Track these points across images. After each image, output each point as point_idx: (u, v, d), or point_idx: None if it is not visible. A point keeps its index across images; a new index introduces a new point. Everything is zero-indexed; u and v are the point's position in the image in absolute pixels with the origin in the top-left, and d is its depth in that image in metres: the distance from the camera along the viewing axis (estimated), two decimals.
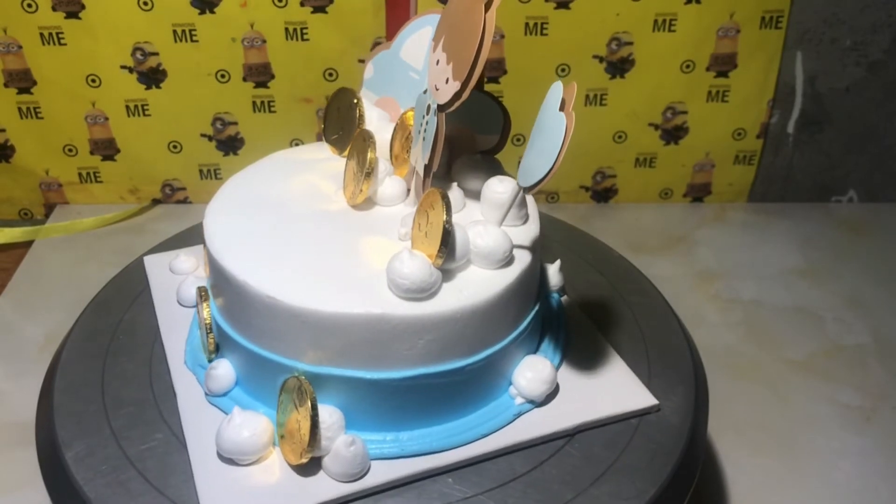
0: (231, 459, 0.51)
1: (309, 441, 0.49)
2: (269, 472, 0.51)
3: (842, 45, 1.09)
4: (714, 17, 1.06)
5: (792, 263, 1.08)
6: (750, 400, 0.85)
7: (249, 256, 0.54)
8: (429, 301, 0.50)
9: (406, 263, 0.49)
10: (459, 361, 0.52)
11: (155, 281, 0.69)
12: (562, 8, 1.04)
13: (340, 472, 0.50)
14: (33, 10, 1.02)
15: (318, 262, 0.53)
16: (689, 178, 1.20)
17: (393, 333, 0.50)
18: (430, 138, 0.53)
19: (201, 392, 0.57)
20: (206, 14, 1.03)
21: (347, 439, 0.50)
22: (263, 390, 0.55)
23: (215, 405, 0.56)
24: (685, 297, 1.00)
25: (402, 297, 0.50)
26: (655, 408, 0.57)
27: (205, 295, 0.58)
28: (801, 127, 1.16)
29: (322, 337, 0.50)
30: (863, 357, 0.92)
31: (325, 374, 0.51)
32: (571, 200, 1.21)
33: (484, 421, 0.55)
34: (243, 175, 0.64)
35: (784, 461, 0.78)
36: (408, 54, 0.64)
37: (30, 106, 1.09)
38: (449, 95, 0.51)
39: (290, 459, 0.51)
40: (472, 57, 0.49)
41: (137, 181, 1.17)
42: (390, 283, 0.50)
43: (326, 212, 0.59)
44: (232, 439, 0.51)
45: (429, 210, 0.51)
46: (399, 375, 0.51)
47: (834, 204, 1.22)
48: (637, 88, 1.11)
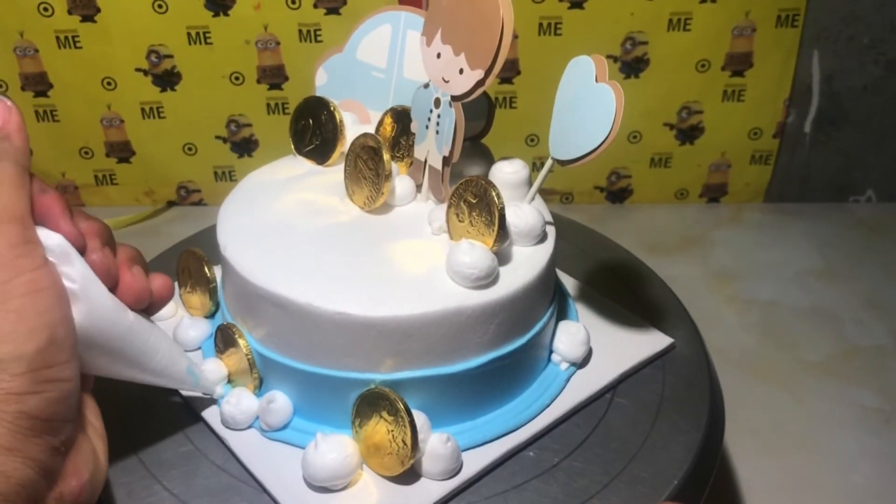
0: (324, 487, 0.49)
1: (412, 446, 0.48)
2: (366, 492, 0.50)
3: (859, 43, 1.08)
4: (729, 15, 1.05)
5: (809, 264, 1.08)
6: (766, 402, 0.85)
7: (297, 278, 0.51)
8: (493, 286, 0.51)
9: (470, 254, 0.50)
10: (521, 339, 0.54)
11: None
12: (576, 8, 1.04)
13: (441, 470, 0.50)
14: (49, 13, 1.02)
15: (363, 270, 0.52)
16: (705, 179, 1.19)
17: (467, 324, 0.50)
18: (447, 130, 0.54)
19: (241, 427, 0.54)
20: (220, 16, 1.04)
21: (442, 437, 0.50)
22: (330, 411, 0.53)
23: (277, 439, 0.53)
24: (701, 298, 1.00)
25: (469, 286, 0.51)
26: (672, 346, 0.63)
27: (235, 332, 0.54)
28: (818, 126, 1.15)
29: (402, 342, 0.50)
30: (881, 358, 0.91)
31: (404, 378, 0.50)
32: (586, 201, 1.21)
33: (543, 391, 0.57)
34: (238, 206, 0.61)
35: (801, 464, 0.78)
36: (366, 55, 0.64)
37: (46, 109, 1.10)
38: (470, 84, 0.52)
39: (391, 471, 0.50)
40: (492, 44, 0.50)
41: (152, 183, 1.18)
42: (455, 276, 0.51)
43: (341, 222, 0.57)
44: (324, 465, 0.49)
45: (470, 200, 0.52)
46: (474, 364, 0.52)
47: (851, 204, 1.21)
48: (652, 88, 1.10)
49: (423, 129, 0.57)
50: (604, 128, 0.50)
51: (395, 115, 0.62)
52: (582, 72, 0.52)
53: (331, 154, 0.63)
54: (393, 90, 0.65)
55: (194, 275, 0.62)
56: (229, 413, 0.53)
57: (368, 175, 0.57)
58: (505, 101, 1.09)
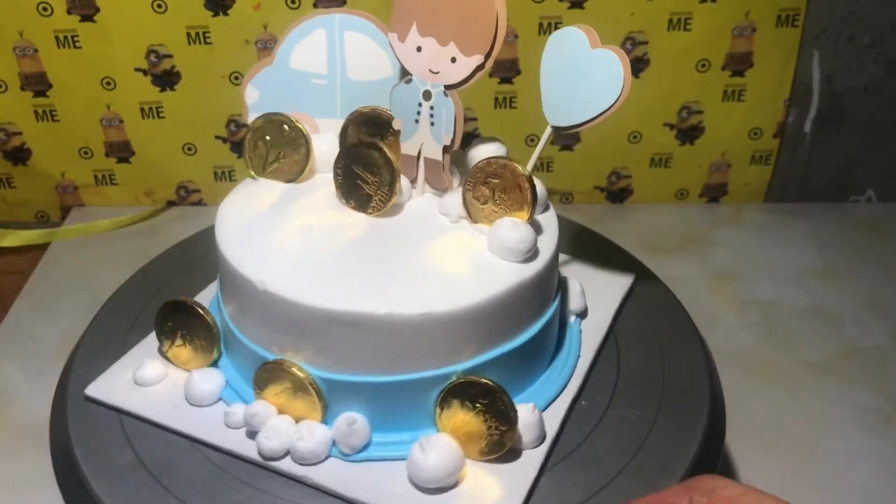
0: (439, 488, 0.49)
1: (514, 422, 0.50)
2: (478, 480, 0.50)
3: (860, 43, 1.08)
4: (729, 15, 1.05)
5: (809, 264, 1.07)
6: (766, 402, 0.85)
7: (359, 292, 0.50)
8: (535, 257, 0.54)
9: (516, 230, 0.53)
10: (555, 301, 0.58)
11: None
12: (576, 8, 1.03)
13: (533, 438, 0.52)
14: (48, 13, 1.02)
15: (411, 270, 0.52)
16: (705, 179, 1.19)
17: (528, 295, 0.53)
18: (445, 120, 0.56)
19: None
20: (220, 16, 1.03)
21: (528, 407, 0.52)
22: (407, 415, 0.53)
23: (361, 460, 0.52)
24: (701, 298, 1.00)
25: (520, 260, 0.53)
26: (634, 282, 0.70)
27: (289, 365, 0.52)
28: (819, 126, 1.15)
29: (480, 328, 0.51)
30: (882, 359, 0.91)
31: (482, 362, 0.52)
32: (586, 201, 1.21)
33: (573, 346, 0.61)
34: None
35: (801, 464, 0.78)
36: (302, 63, 0.62)
37: (45, 109, 1.10)
38: (468, 71, 0.54)
39: (493, 453, 0.51)
40: (489, 27, 0.52)
41: (152, 183, 1.18)
42: (506, 253, 0.53)
43: (355, 230, 0.57)
44: (438, 466, 0.49)
45: (491, 181, 0.54)
46: (535, 331, 0.55)
47: (852, 204, 1.21)
48: (652, 88, 1.10)
49: (411, 125, 0.58)
50: (612, 91, 0.52)
51: (361, 120, 0.61)
52: (572, 41, 0.55)
53: (301, 171, 0.62)
54: (339, 94, 0.64)
55: (185, 326, 0.58)
56: (307, 449, 0.51)
57: (370, 179, 0.57)
58: (505, 101, 1.09)
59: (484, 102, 1.10)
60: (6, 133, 1.12)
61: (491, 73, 1.07)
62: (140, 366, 0.58)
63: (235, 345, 0.56)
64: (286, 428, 0.52)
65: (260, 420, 0.52)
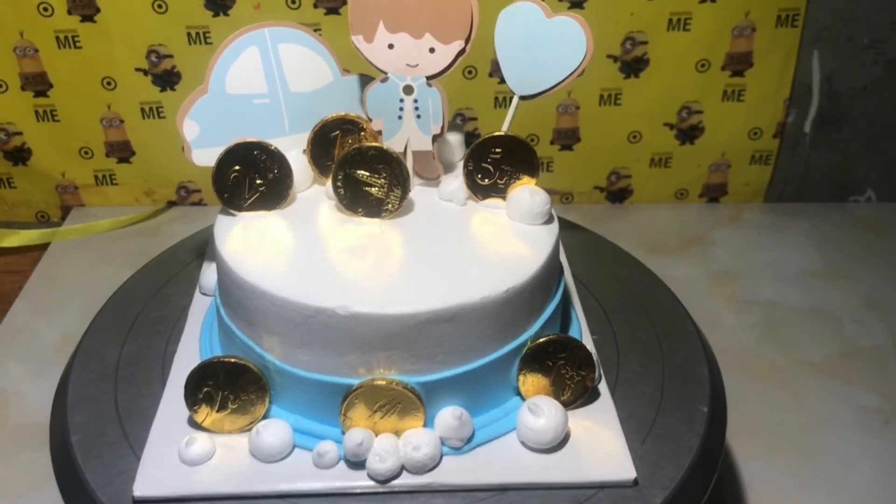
0: (557, 445, 0.52)
1: (598, 365, 0.55)
2: (579, 425, 0.54)
3: (859, 43, 1.08)
4: (729, 15, 1.05)
5: (809, 264, 1.07)
6: (766, 402, 0.85)
7: (441, 286, 0.50)
8: (553, 218, 0.59)
9: (537, 195, 0.57)
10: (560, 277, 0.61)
11: None
12: (576, 8, 1.03)
13: (598, 374, 0.56)
14: (49, 13, 1.02)
15: (459, 258, 0.54)
16: (705, 179, 1.19)
17: (557, 253, 0.58)
18: (433, 109, 0.58)
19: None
20: (220, 16, 1.03)
21: (592, 349, 0.56)
22: (494, 392, 0.55)
23: (468, 450, 0.52)
24: (701, 298, 1.00)
25: (542, 222, 0.57)
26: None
27: (378, 383, 0.50)
28: (818, 126, 1.15)
29: (544, 286, 0.55)
30: (881, 359, 0.91)
31: (545, 320, 0.55)
32: (586, 201, 1.21)
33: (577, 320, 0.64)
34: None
35: (801, 464, 0.78)
36: (238, 86, 0.59)
37: (46, 109, 1.10)
38: (449, 59, 0.56)
39: (581, 396, 0.55)
40: (465, 13, 0.54)
41: (152, 183, 1.18)
42: (534, 218, 0.57)
43: (385, 236, 0.56)
44: (556, 425, 0.51)
45: (493, 156, 0.57)
46: (562, 286, 0.59)
47: (851, 204, 1.21)
48: (652, 88, 1.10)
49: (394, 122, 0.58)
50: (577, 52, 0.56)
51: (331, 127, 0.60)
52: (525, 14, 0.56)
53: (286, 194, 0.58)
54: (285, 110, 0.61)
55: (227, 387, 0.52)
56: (427, 456, 0.50)
57: (379, 182, 0.56)
58: (505, 101, 1.09)
59: (484, 102, 1.10)
60: (6, 133, 1.12)
61: (491, 73, 1.07)
62: (187, 444, 0.51)
63: (294, 387, 0.53)
64: (393, 445, 0.50)
65: (366, 447, 0.50)
